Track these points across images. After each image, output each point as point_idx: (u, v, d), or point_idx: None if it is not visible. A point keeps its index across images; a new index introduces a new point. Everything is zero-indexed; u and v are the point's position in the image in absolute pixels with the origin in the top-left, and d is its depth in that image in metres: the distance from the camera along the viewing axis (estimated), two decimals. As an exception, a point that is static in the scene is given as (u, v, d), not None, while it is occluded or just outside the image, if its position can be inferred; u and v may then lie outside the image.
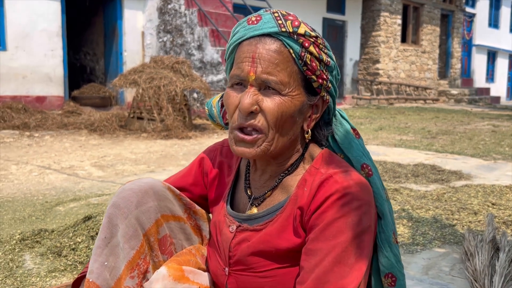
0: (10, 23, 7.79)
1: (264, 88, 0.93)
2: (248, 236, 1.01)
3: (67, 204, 3.14)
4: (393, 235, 1.00)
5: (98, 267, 1.00)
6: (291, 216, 0.97)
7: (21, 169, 4.32)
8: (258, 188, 1.05)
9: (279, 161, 1.01)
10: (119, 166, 4.49)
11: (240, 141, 0.95)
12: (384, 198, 1.00)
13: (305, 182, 0.97)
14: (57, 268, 2.03)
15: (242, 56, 0.94)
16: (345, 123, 1.05)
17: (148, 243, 1.06)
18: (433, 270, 2.04)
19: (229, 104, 0.96)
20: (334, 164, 0.97)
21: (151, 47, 9.40)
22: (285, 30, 0.92)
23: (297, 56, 0.93)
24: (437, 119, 9.50)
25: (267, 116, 0.92)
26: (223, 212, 1.09)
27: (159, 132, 6.57)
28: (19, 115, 6.99)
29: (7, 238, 2.36)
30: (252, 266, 1.00)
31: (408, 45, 15.75)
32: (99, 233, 1.03)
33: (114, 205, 1.03)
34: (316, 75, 0.95)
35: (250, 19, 0.96)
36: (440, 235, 2.44)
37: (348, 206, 0.89)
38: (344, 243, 0.88)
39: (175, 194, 1.12)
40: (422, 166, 4.33)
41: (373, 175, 1.01)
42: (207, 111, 1.17)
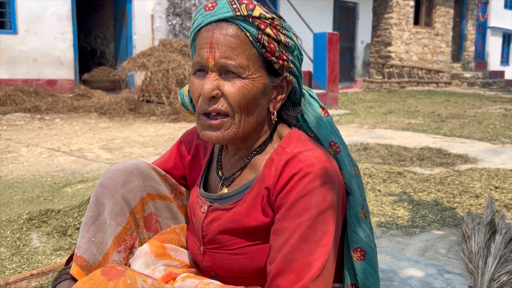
0: (21, 7, 7.85)
1: (225, 72, 0.95)
2: (218, 215, 1.04)
3: (75, 185, 3.21)
4: (361, 210, 1.01)
5: (85, 242, 1.05)
6: (259, 196, 0.99)
7: (31, 151, 4.40)
8: (228, 169, 1.08)
9: (248, 144, 1.04)
10: (127, 149, 4.55)
11: (207, 126, 0.97)
12: (352, 174, 1.01)
13: (272, 162, 0.99)
14: (62, 247, 2.09)
15: (201, 42, 0.96)
16: (313, 102, 1.07)
17: (135, 220, 1.10)
18: (429, 251, 2.06)
19: (193, 90, 0.98)
20: (300, 143, 0.99)
21: (160, 30, 9.40)
22: (240, 14, 0.93)
23: (254, 39, 0.94)
24: (448, 103, 9.40)
25: (230, 100, 0.94)
26: (196, 193, 1.12)
27: (168, 115, 6.61)
28: (30, 98, 7.09)
29: (15, 218, 2.43)
30: (224, 244, 1.03)
31: (421, 28, 15.51)
32: (87, 211, 1.08)
33: (101, 184, 1.08)
34: (275, 57, 0.96)
35: (207, 6, 0.97)
36: (439, 218, 2.45)
37: (311, 184, 0.91)
38: (308, 221, 0.90)
39: (160, 174, 1.17)
40: (428, 149, 4.31)
41: (341, 152, 1.02)
42: (179, 101, 1.20)
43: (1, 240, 2.17)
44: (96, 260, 1.04)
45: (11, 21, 7.86)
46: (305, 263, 0.88)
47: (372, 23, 14.71)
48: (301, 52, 1.03)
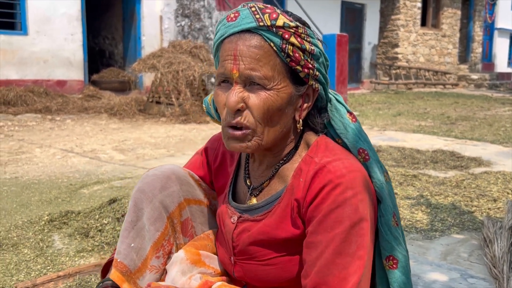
0: (31, 8, 7.89)
1: (249, 84, 0.93)
2: (248, 227, 1.04)
3: (91, 187, 3.23)
4: (393, 218, 0.99)
5: (125, 248, 1.05)
6: (289, 207, 0.98)
7: (44, 152, 4.43)
8: (256, 178, 1.07)
9: (274, 152, 1.02)
10: (140, 150, 4.57)
11: (232, 137, 0.96)
12: (383, 181, 0.99)
13: (301, 172, 0.98)
14: (85, 249, 2.11)
15: (225, 54, 0.94)
16: (340, 107, 1.04)
17: (172, 225, 1.10)
18: (451, 256, 2.06)
19: (218, 102, 0.97)
20: (328, 151, 0.97)
21: (169, 32, 9.43)
22: (263, 24, 0.91)
23: (278, 49, 0.92)
24: (456, 105, 9.38)
25: (254, 112, 0.93)
26: (225, 203, 1.12)
27: (178, 116, 6.63)
28: (40, 99, 7.12)
29: (36, 219, 2.45)
30: (255, 255, 1.03)
31: (428, 29, 15.47)
32: (126, 216, 1.08)
33: (139, 190, 1.08)
34: (301, 65, 0.94)
35: (229, 16, 0.95)
36: (459, 222, 2.45)
37: (342, 196, 0.89)
38: (342, 234, 0.88)
39: (194, 179, 1.17)
40: (441, 152, 4.31)
41: (370, 159, 1.00)
42: (204, 109, 1.19)
43: (24, 242, 2.19)
44: (135, 266, 1.05)
45: (22, 22, 7.90)
46: (341, 277, 0.87)
47: (379, 24, 14.68)
48: (326, 58, 1.00)
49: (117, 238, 2.15)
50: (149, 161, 4.08)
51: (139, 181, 1.11)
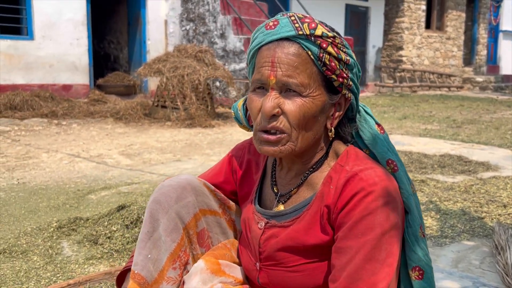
0: (37, 13, 7.93)
1: (285, 90, 0.95)
2: (276, 232, 1.05)
3: (99, 192, 3.23)
4: (420, 229, 1.01)
5: (142, 259, 1.05)
6: (318, 213, 0.99)
7: (51, 157, 4.44)
8: (284, 185, 1.08)
9: (304, 159, 1.04)
10: (146, 155, 4.57)
11: (265, 142, 0.97)
12: (410, 193, 1.01)
13: (331, 180, 0.99)
14: (94, 256, 2.11)
15: (262, 61, 0.96)
16: (369, 118, 1.07)
17: (188, 236, 1.10)
18: (462, 263, 2.04)
19: (252, 108, 0.99)
20: (359, 161, 0.99)
21: (174, 36, 9.45)
22: (302, 33, 0.94)
23: (315, 57, 0.94)
24: (462, 108, 9.35)
25: (289, 118, 0.95)
26: (252, 209, 1.12)
27: (183, 120, 6.63)
28: (46, 104, 7.14)
29: (45, 226, 2.45)
30: (282, 261, 1.03)
31: (433, 32, 15.44)
32: (142, 227, 1.08)
33: (155, 200, 1.08)
34: (336, 74, 0.96)
35: (268, 24, 0.98)
36: (469, 228, 2.43)
37: (374, 203, 0.91)
38: (373, 240, 0.90)
39: (210, 189, 1.17)
40: (449, 156, 4.29)
41: (399, 170, 1.02)
42: (233, 114, 1.20)
43: (33, 249, 2.19)
44: (152, 277, 1.04)
45: (28, 27, 7.94)
46: (371, 282, 0.88)
47: (383, 27, 14.67)
48: (359, 69, 1.03)
49: (126, 246, 2.15)
50: (156, 166, 4.08)
51: (155, 191, 1.11)
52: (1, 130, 5.76)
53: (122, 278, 1.15)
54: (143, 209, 2.33)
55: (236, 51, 8.49)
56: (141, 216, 2.28)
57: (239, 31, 8.60)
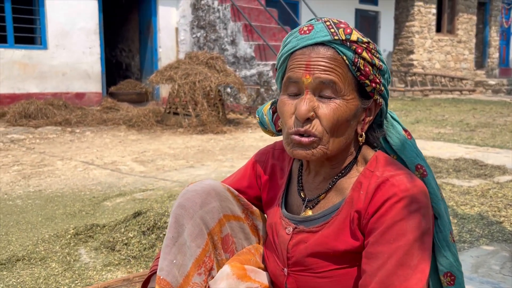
0: (51, 23, 8.04)
1: (319, 93, 0.95)
2: (305, 238, 1.04)
3: (114, 199, 3.25)
4: (450, 234, 1.01)
5: (167, 264, 1.05)
6: (348, 219, 0.98)
7: (66, 164, 4.48)
8: (311, 190, 1.08)
9: (333, 163, 1.03)
10: (159, 161, 4.59)
11: (297, 144, 0.97)
12: (440, 198, 1.01)
13: (361, 185, 0.99)
14: (112, 262, 2.12)
15: (296, 63, 0.96)
16: (396, 124, 1.07)
17: (212, 242, 1.10)
18: (482, 268, 2.02)
19: (284, 111, 0.98)
20: (389, 166, 0.99)
21: (185, 43, 9.52)
22: (338, 38, 0.94)
23: (350, 62, 0.95)
24: (475, 111, 9.26)
25: (323, 122, 0.95)
26: (279, 214, 1.12)
27: (195, 127, 6.66)
28: (60, 112, 7.22)
29: (62, 233, 2.47)
30: (311, 267, 1.03)
31: (443, 35, 15.35)
32: (167, 232, 1.08)
33: (180, 206, 1.08)
34: (369, 80, 0.97)
35: (302, 29, 0.98)
36: (487, 233, 2.40)
37: (407, 209, 0.91)
38: (405, 246, 0.89)
39: (233, 195, 1.17)
40: (463, 160, 4.25)
41: (428, 176, 1.01)
42: (257, 119, 1.19)
43: (51, 255, 2.21)
44: (177, 283, 1.04)
45: (42, 36, 8.05)
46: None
47: (394, 31, 14.62)
48: (389, 75, 1.03)
49: (143, 252, 2.16)
50: (169, 173, 4.10)
51: (179, 196, 1.11)
52: (16, 139, 5.83)
53: (147, 283, 1.15)
54: (159, 216, 2.34)
55: (247, 57, 8.52)
56: (158, 222, 2.29)
57: (249, 37, 8.63)
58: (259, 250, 1.19)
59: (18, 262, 2.14)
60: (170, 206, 2.55)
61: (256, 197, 1.22)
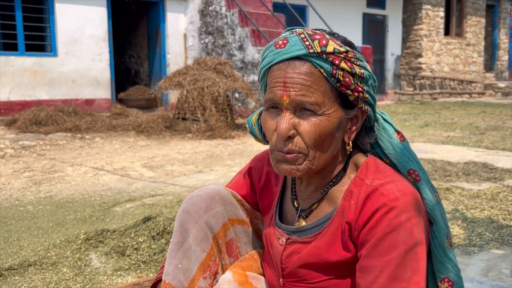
0: (61, 30, 8.14)
1: (300, 110, 0.93)
2: (297, 249, 1.03)
3: (123, 204, 3.28)
4: (446, 239, 0.98)
5: (172, 269, 1.06)
6: (339, 230, 0.97)
7: (76, 170, 4.52)
8: (304, 200, 1.07)
9: (323, 174, 1.02)
10: (168, 167, 4.62)
11: (282, 161, 0.96)
12: (434, 203, 0.98)
13: (351, 194, 0.97)
14: (122, 267, 2.14)
15: (274, 81, 0.94)
16: (388, 126, 1.04)
17: (217, 246, 1.11)
18: (492, 272, 2.01)
19: (267, 128, 0.97)
20: (379, 173, 0.96)
21: (193, 49, 9.57)
22: (313, 51, 0.91)
23: (328, 75, 0.92)
24: (484, 114, 9.20)
25: (305, 138, 0.93)
26: (273, 224, 1.12)
27: (203, 132, 6.69)
28: (70, 118, 7.30)
29: (73, 238, 2.50)
30: (305, 277, 1.02)
31: (452, 38, 15.29)
32: (172, 237, 1.09)
33: (185, 211, 1.09)
34: (351, 89, 0.93)
35: (277, 43, 0.95)
36: (497, 236, 2.39)
37: (397, 220, 0.88)
38: (398, 258, 0.87)
39: (237, 199, 1.18)
40: (473, 164, 4.23)
41: (421, 180, 0.99)
42: (248, 129, 1.19)
43: (63, 260, 2.23)
44: (183, 287, 1.05)
45: (52, 44, 8.15)
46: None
47: (402, 35, 14.59)
48: (375, 79, 1.00)
49: (153, 257, 2.18)
50: (179, 178, 4.12)
51: (184, 201, 1.12)
52: (27, 145, 5.90)
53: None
54: (169, 220, 2.35)
55: (255, 62, 8.55)
56: (167, 227, 2.31)
57: (257, 42, 8.67)
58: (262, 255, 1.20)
59: (30, 267, 2.16)
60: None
61: (255, 203, 1.22)
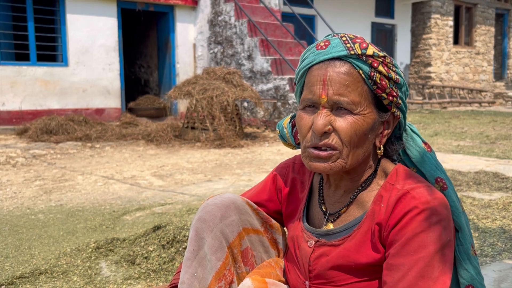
0: (71, 40, 8.24)
1: (336, 108, 0.97)
2: (326, 251, 1.05)
3: (133, 213, 3.29)
4: (471, 247, 1.01)
5: (188, 277, 1.06)
6: (369, 232, 0.99)
7: (86, 179, 4.55)
8: (332, 204, 1.09)
9: (353, 176, 1.04)
10: (178, 176, 4.64)
11: (315, 158, 0.99)
12: (460, 211, 1.01)
13: (381, 198, 1.00)
14: (132, 276, 2.14)
15: (313, 80, 0.98)
16: (416, 137, 1.08)
17: (232, 255, 1.12)
18: (505, 283, 1.98)
19: (302, 126, 1.00)
20: (410, 179, 0.99)
21: (202, 59, 9.64)
22: (354, 53, 0.96)
23: (366, 76, 0.96)
24: (494, 123, 9.13)
25: (341, 135, 0.96)
26: (300, 227, 1.13)
27: (212, 141, 6.72)
28: (80, 127, 7.36)
29: (83, 246, 2.51)
30: (332, 279, 1.04)
31: (461, 47, 15.25)
32: (188, 246, 1.10)
33: (200, 219, 1.10)
34: (386, 93, 0.98)
35: (319, 45, 1.00)
36: (510, 247, 2.36)
37: (427, 221, 0.91)
38: (426, 258, 0.89)
39: (253, 208, 1.19)
40: (484, 173, 4.19)
41: (448, 189, 1.02)
42: (278, 133, 1.22)
43: (73, 269, 2.24)
44: None
45: (63, 54, 8.26)
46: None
47: (410, 44, 14.59)
48: (407, 88, 1.04)
49: (163, 266, 2.18)
50: (188, 187, 4.13)
51: (199, 210, 1.13)
52: (38, 154, 5.96)
53: None
54: (179, 229, 2.36)
55: (264, 72, 8.58)
56: (177, 236, 2.31)
57: (266, 52, 8.71)
58: (279, 263, 1.20)
59: (41, 276, 2.17)
60: (189, 220, 2.57)
61: (275, 211, 1.23)
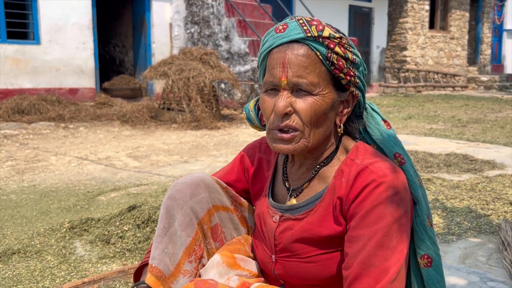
0: (44, 17, 8.01)
1: (296, 90, 1.00)
2: (290, 225, 1.09)
3: (108, 194, 3.28)
4: (427, 218, 1.05)
5: (159, 253, 1.09)
6: (331, 205, 1.04)
7: (60, 160, 4.49)
8: (295, 180, 1.13)
9: (315, 155, 1.09)
10: (153, 157, 4.62)
11: (279, 139, 1.03)
12: (418, 184, 1.06)
13: (342, 173, 1.04)
14: (107, 255, 2.15)
15: (273, 63, 1.01)
16: (375, 115, 1.12)
17: (202, 231, 1.15)
18: (469, 259, 2.07)
19: (265, 108, 1.04)
20: (369, 155, 1.04)
21: (179, 39, 9.51)
22: (311, 35, 0.99)
23: (324, 58, 0.99)
24: (467, 107, 9.35)
25: (301, 116, 1.00)
26: (266, 204, 1.17)
27: (189, 122, 6.69)
28: (53, 107, 7.22)
29: (57, 226, 2.50)
30: (297, 252, 1.08)
31: (436, 32, 15.44)
32: (158, 223, 1.13)
33: (170, 197, 1.13)
34: (343, 73, 1.01)
35: (277, 28, 1.03)
36: (475, 225, 2.46)
37: (385, 194, 0.96)
38: (384, 228, 0.94)
39: (222, 186, 1.22)
40: (454, 155, 4.31)
41: (406, 163, 1.06)
42: (245, 116, 1.25)
43: (47, 249, 2.23)
44: (169, 271, 1.08)
45: (35, 31, 8.02)
46: (382, 268, 0.92)
47: (387, 28, 14.68)
48: (365, 67, 1.08)
49: (138, 245, 2.19)
50: (164, 168, 4.12)
51: (169, 188, 1.16)
52: (10, 134, 5.83)
53: (139, 273, 1.19)
54: (154, 209, 2.37)
55: (241, 53, 8.54)
56: (152, 216, 2.32)
57: (243, 33, 8.65)
58: (248, 240, 1.24)
59: (14, 255, 2.16)
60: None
61: (244, 190, 1.27)
